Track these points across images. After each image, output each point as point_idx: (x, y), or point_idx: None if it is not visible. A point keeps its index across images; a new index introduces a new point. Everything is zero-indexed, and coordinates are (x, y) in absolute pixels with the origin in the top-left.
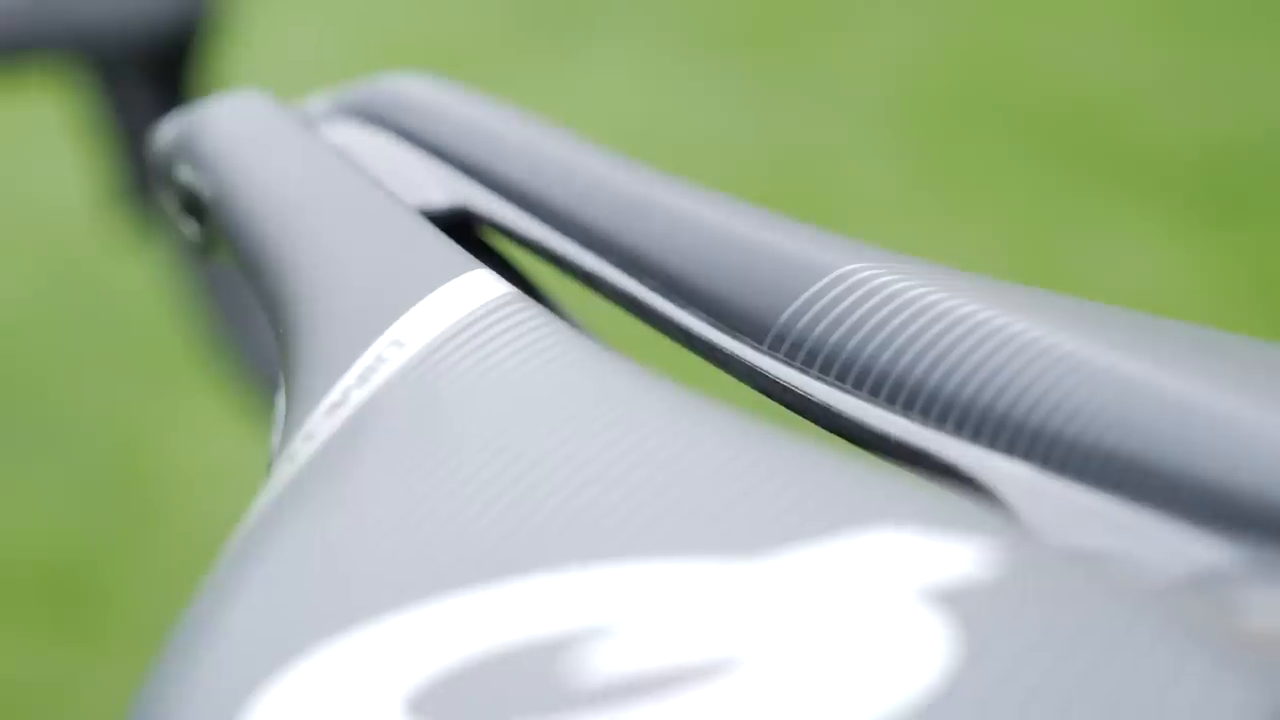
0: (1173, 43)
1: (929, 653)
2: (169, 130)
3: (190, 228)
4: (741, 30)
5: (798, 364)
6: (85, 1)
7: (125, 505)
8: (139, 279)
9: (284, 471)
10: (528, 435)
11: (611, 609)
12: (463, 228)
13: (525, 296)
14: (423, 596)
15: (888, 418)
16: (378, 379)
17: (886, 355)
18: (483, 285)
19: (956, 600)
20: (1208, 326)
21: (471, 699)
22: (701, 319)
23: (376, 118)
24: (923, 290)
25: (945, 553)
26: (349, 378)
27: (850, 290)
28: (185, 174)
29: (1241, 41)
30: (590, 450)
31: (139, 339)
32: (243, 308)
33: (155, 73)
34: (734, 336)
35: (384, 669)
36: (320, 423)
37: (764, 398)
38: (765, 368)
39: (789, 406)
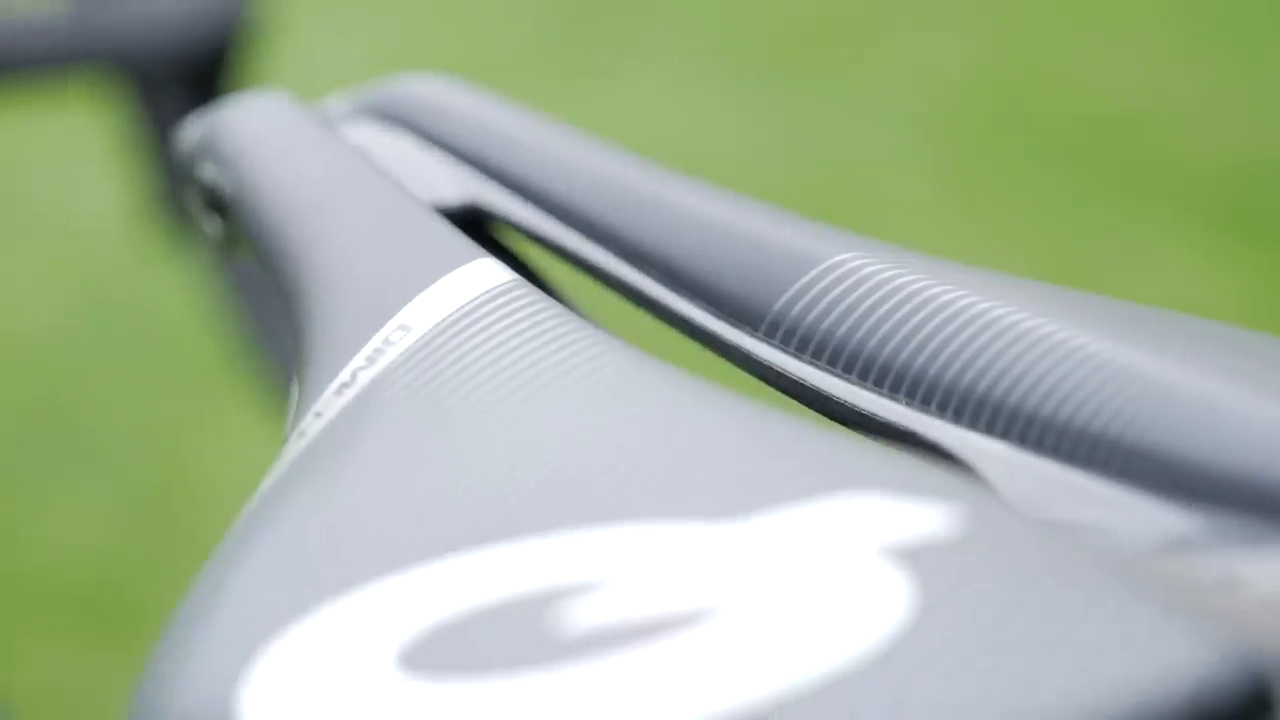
0: (1206, 61)
1: (887, 605)
2: (193, 130)
3: (213, 224)
4: (776, 46)
5: (791, 350)
6: (123, 15)
7: (162, 521)
8: (176, 295)
9: (293, 447)
10: (522, 411)
11: (597, 567)
12: (475, 223)
13: (528, 284)
14: (418, 560)
15: (876, 400)
16: (384, 361)
17: (874, 341)
18: (487, 273)
19: (917, 557)
20: (1200, 316)
21: (461, 649)
22: (701, 308)
23: (394, 117)
24: (909, 278)
25: (910, 515)
26: (358, 360)
27: (841, 279)
28: (209, 172)
29: (1274, 61)
30: (580, 424)
31: (176, 356)
32: (269, 309)
33: (191, 84)
34: (731, 325)
35: (379, 626)
36: (329, 402)
37: (760, 383)
38: (761, 354)
39: (784, 391)
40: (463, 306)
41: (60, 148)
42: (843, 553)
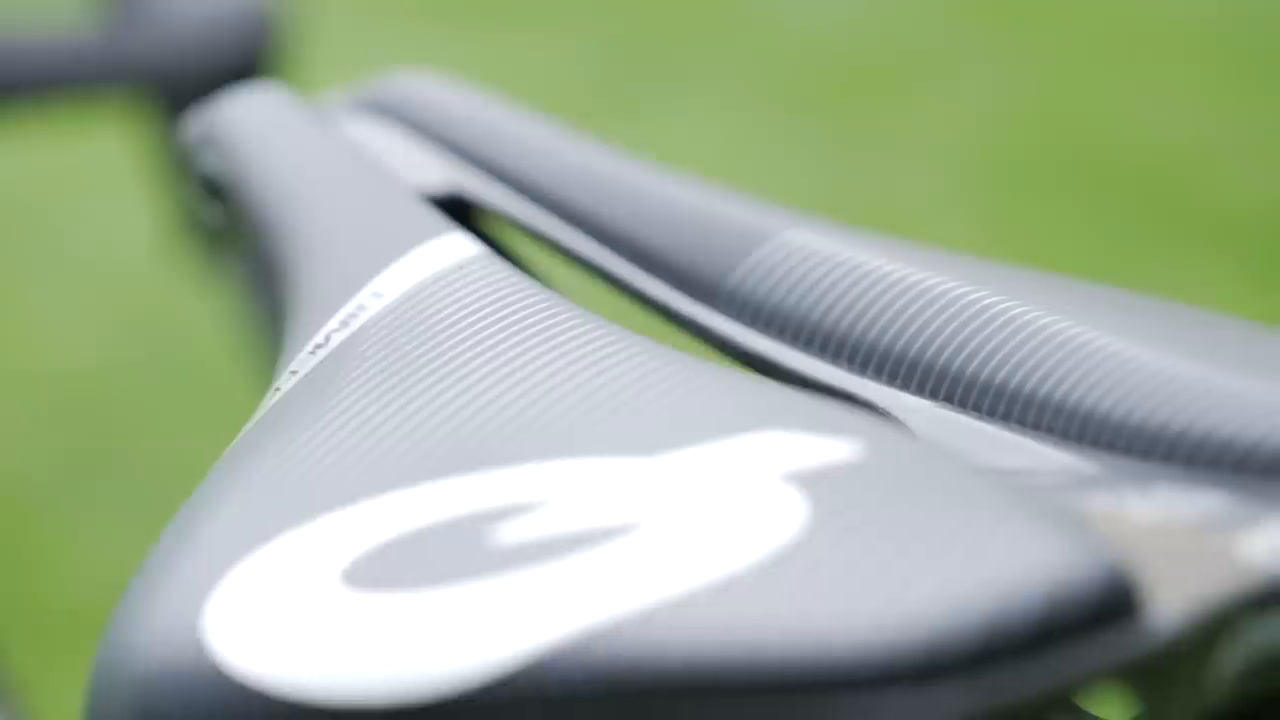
0: (1241, 101)
1: (785, 520)
2: (195, 123)
3: (213, 212)
4: (818, 89)
5: (744, 321)
6: (155, 36)
7: None
8: (213, 323)
9: (268, 402)
10: (476, 364)
11: (532, 494)
12: (459, 208)
13: (495, 256)
14: (368, 493)
15: (819, 366)
16: (356, 323)
17: (817, 311)
18: (457, 245)
19: (816, 480)
20: (1170, 301)
21: (400, 563)
22: (661, 283)
23: (386, 110)
24: (849, 253)
25: (815, 446)
26: (333, 323)
27: (788, 254)
28: (209, 162)
29: None
30: (526, 375)
31: (214, 385)
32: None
33: None
34: (689, 298)
35: (327, 549)
36: (304, 361)
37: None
38: (715, 326)
39: (736, 359)
40: (433, 274)
41: (92, 175)
42: (749, 479)
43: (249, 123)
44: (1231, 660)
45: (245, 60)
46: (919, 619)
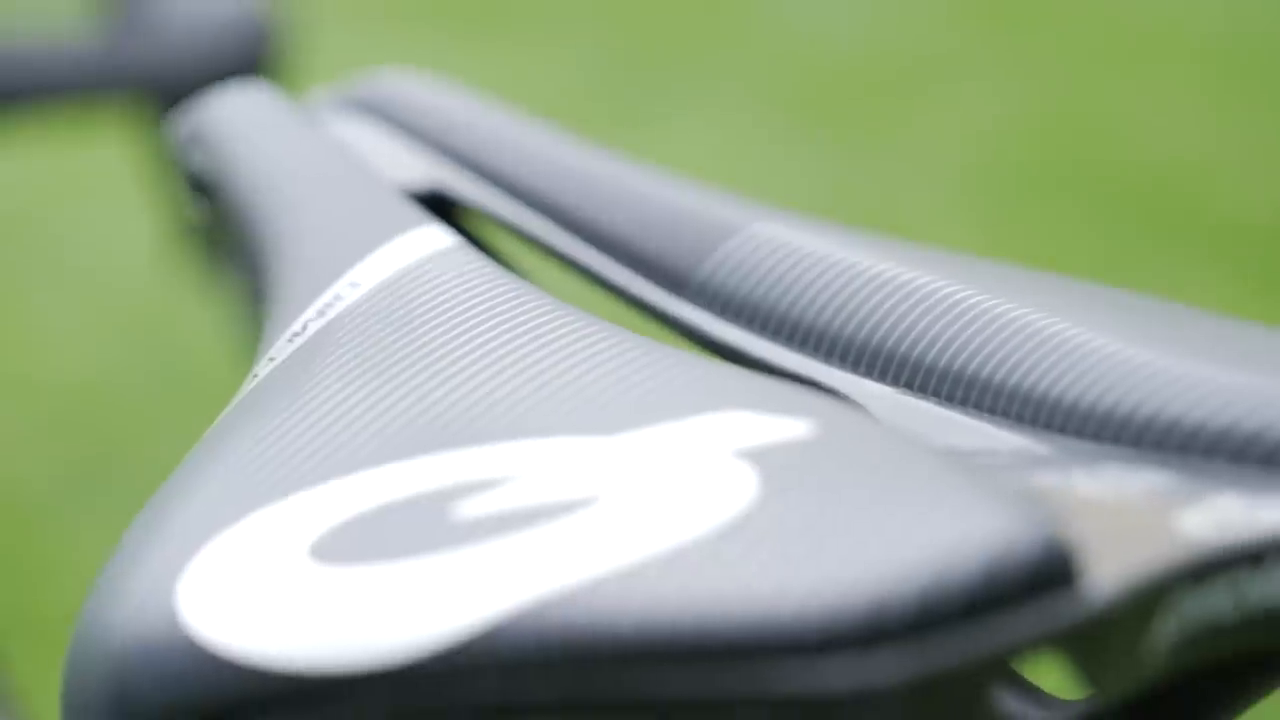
0: (1245, 113)
1: (736, 493)
2: (182, 121)
3: (200, 209)
4: (821, 98)
5: (714, 311)
6: (155, 43)
7: None
8: (214, 332)
9: (245, 388)
10: (447, 350)
11: (497, 471)
12: (440, 205)
13: (469, 248)
14: (337, 472)
15: (785, 354)
16: (333, 312)
17: (784, 301)
18: (433, 237)
19: (767, 456)
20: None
21: (365, 538)
22: (635, 275)
23: (370, 108)
24: (816, 246)
25: (769, 425)
26: (310, 312)
27: (756, 246)
28: (196, 159)
29: None
30: (496, 359)
31: (215, 394)
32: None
33: None
34: (662, 289)
35: (296, 526)
36: (282, 348)
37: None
38: (686, 316)
39: (706, 348)
40: (408, 265)
41: (92, 183)
42: (703, 455)
43: (234, 120)
44: (1168, 630)
45: (244, 67)
46: (859, 586)
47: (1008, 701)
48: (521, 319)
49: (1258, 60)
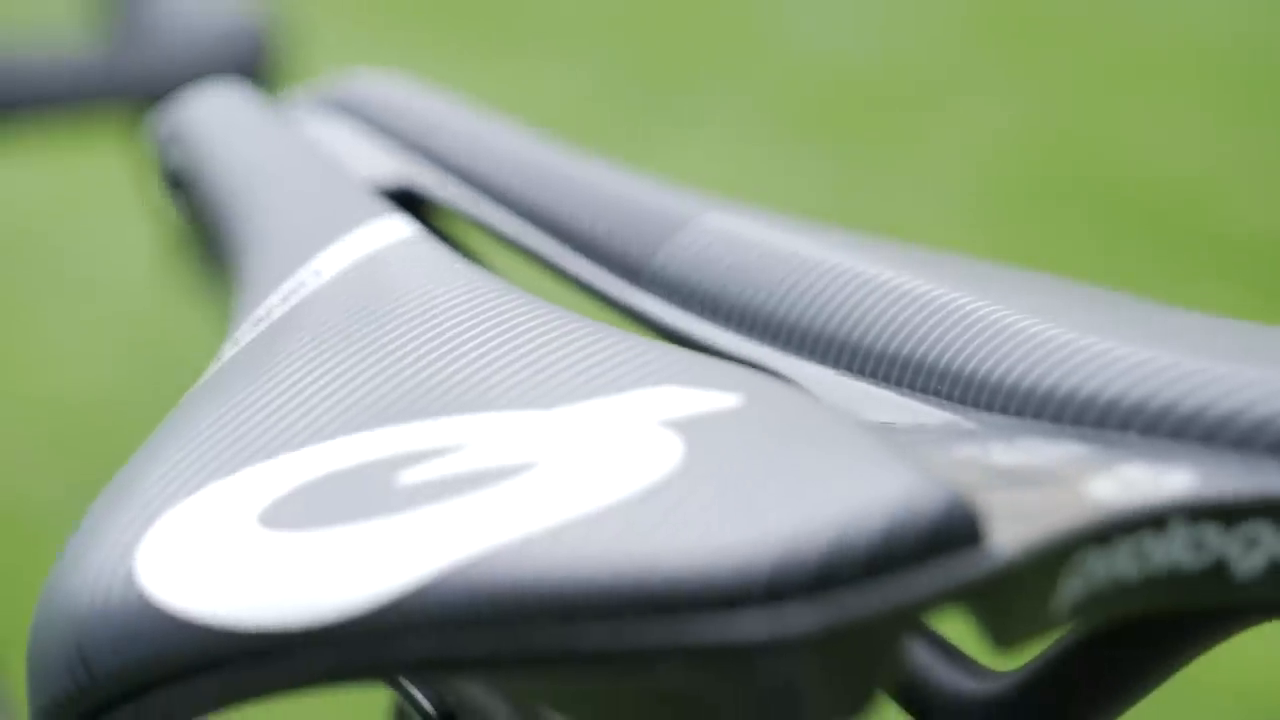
0: (1249, 130)
1: (662, 458)
2: (161, 120)
3: (178, 201)
4: (828, 116)
5: (666, 298)
6: (154, 55)
7: None
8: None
9: (210, 369)
10: (400, 334)
11: (435, 443)
12: (409, 200)
13: (430, 237)
14: (290, 447)
15: (730, 338)
16: (296, 298)
17: (731, 288)
18: (394, 228)
19: (693, 425)
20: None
21: (310, 505)
22: (592, 264)
23: (343, 107)
24: (762, 235)
25: (699, 398)
26: (274, 298)
27: (707, 237)
28: (174, 157)
29: None
30: (446, 340)
31: None
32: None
33: None
34: (617, 278)
35: (247, 496)
36: (247, 332)
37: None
38: (640, 304)
39: (658, 334)
40: (369, 253)
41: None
42: (634, 425)
43: (208, 118)
44: (1073, 590)
45: (244, 78)
46: (768, 543)
47: (943, 671)
48: (473, 304)
49: (1263, 76)
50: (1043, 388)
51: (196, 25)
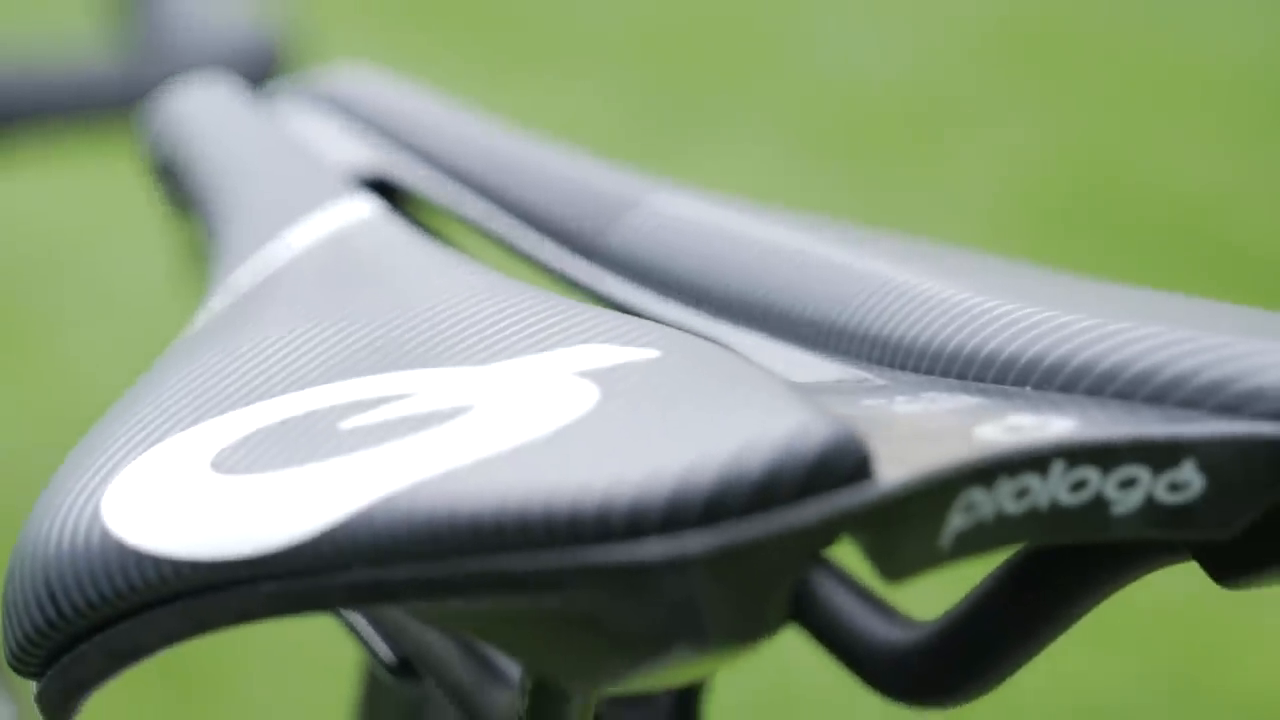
0: (1268, 151)
1: (575, 404)
2: (151, 113)
3: (167, 188)
4: (852, 136)
5: (617, 273)
6: (170, 65)
7: None
8: None
9: (182, 335)
10: (357, 301)
11: (377, 395)
12: (383, 187)
13: (392, 216)
14: (244, 403)
15: (675, 309)
16: (265, 270)
17: (677, 264)
18: (360, 207)
19: (610, 374)
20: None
21: (258, 449)
22: (552, 243)
23: (323, 99)
24: (703, 215)
25: (620, 352)
26: (244, 270)
27: (655, 217)
28: (163, 148)
29: None
30: (397, 306)
31: None
32: None
33: None
34: (574, 256)
35: (201, 445)
36: (218, 300)
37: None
38: (594, 279)
39: (611, 307)
40: (338, 230)
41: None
42: (556, 376)
43: (192, 111)
44: (957, 524)
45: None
46: (663, 475)
47: (869, 622)
48: (427, 274)
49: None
50: (949, 347)
51: (213, 36)
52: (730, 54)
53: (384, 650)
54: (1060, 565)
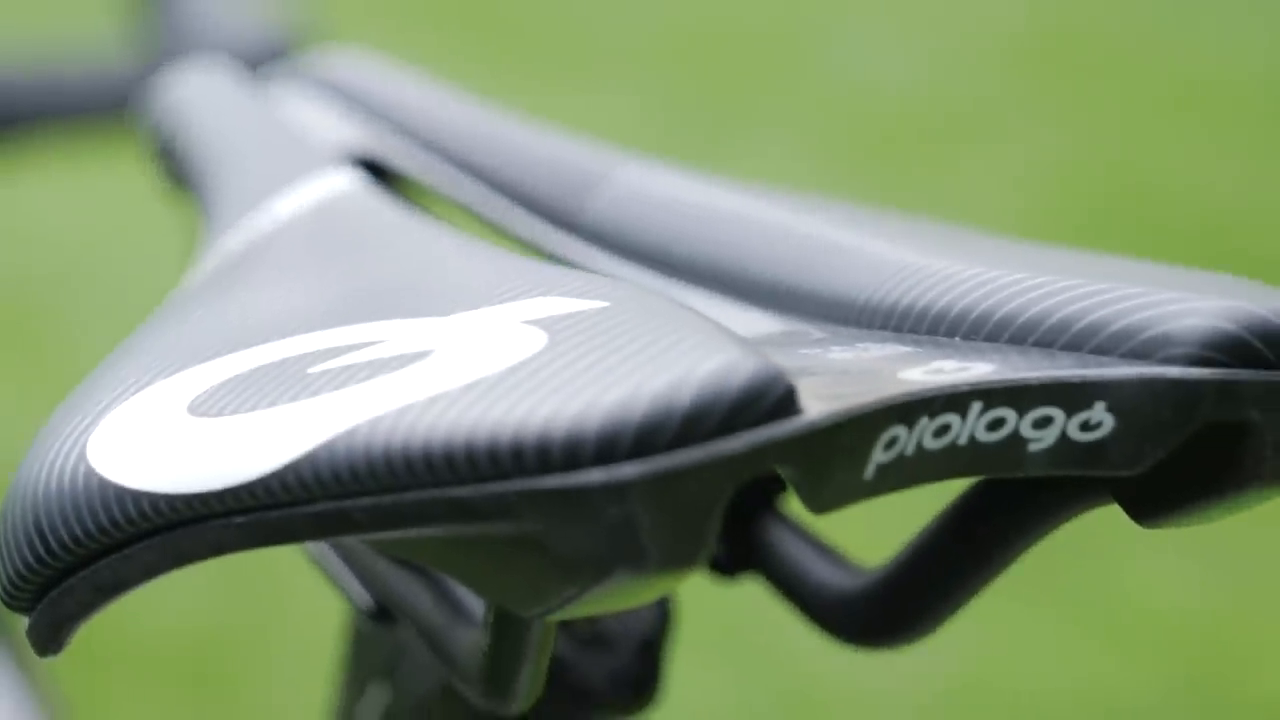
0: None
1: (523, 348)
2: (152, 98)
3: (165, 167)
4: (875, 145)
5: (593, 244)
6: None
7: (259, 590)
8: None
9: (170, 295)
10: (336, 259)
11: (349, 341)
12: (372, 166)
13: (373, 188)
14: (223, 353)
15: (637, 271)
16: (251, 235)
17: (648, 234)
18: (344, 180)
19: (558, 322)
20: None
21: (232, 394)
22: (531, 216)
23: (317, 82)
24: (670, 185)
25: (571, 303)
26: (231, 235)
27: (622, 188)
28: (162, 129)
29: None
30: (373, 266)
31: None
32: None
33: None
34: (551, 227)
35: (180, 391)
36: (205, 263)
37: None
38: (572, 250)
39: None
40: (322, 200)
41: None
42: (509, 324)
43: (189, 92)
44: (880, 459)
45: None
46: (598, 408)
47: (820, 569)
48: (399, 237)
49: None
50: (886, 303)
51: (232, 38)
52: (755, 67)
53: (363, 597)
54: (992, 511)
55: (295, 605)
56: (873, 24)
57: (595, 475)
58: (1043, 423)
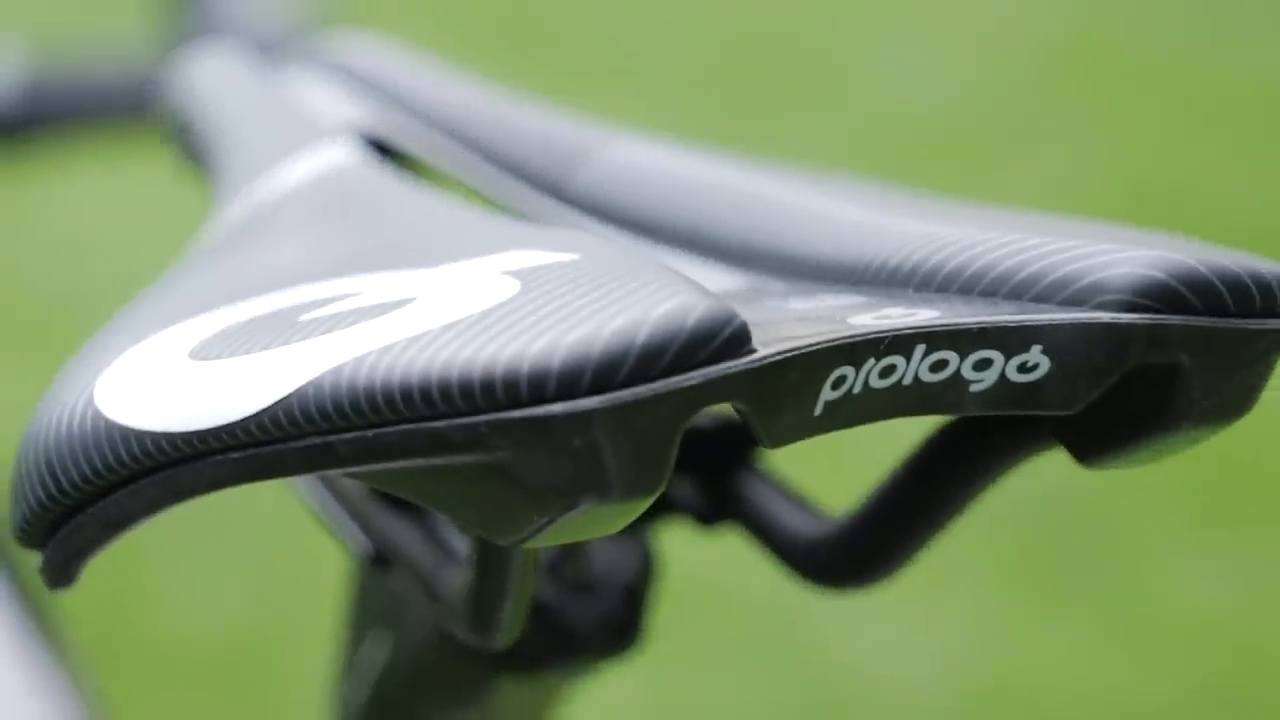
0: None
1: (498, 294)
2: (168, 81)
3: (179, 145)
4: (907, 156)
5: (586, 212)
6: None
7: (293, 590)
8: None
9: (177, 260)
10: (333, 220)
11: (339, 291)
12: (378, 144)
13: (372, 159)
14: (223, 304)
15: (620, 235)
16: (255, 202)
17: (635, 202)
18: (345, 150)
19: (532, 272)
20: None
21: (231, 339)
22: (524, 186)
23: (325, 63)
24: (655, 157)
25: (544, 256)
26: (235, 203)
27: (610, 160)
28: (177, 109)
29: None
30: (368, 226)
31: None
32: None
33: None
34: (544, 195)
35: (182, 338)
36: (213, 227)
37: None
38: (563, 217)
39: None
40: (323, 169)
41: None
42: (486, 274)
43: (203, 75)
44: (830, 397)
45: None
46: (559, 347)
47: (790, 515)
48: (394, 200)
49: None
50: (846, 259)
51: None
52: (790, 78)
53: (363, 543)
54: (949, 456)
55: (330, 608)
56: (907, 33)
57: (559, 408)
58: (983, 365)
